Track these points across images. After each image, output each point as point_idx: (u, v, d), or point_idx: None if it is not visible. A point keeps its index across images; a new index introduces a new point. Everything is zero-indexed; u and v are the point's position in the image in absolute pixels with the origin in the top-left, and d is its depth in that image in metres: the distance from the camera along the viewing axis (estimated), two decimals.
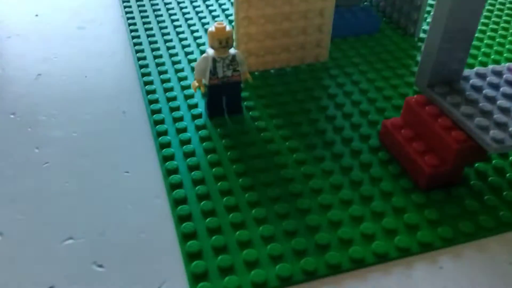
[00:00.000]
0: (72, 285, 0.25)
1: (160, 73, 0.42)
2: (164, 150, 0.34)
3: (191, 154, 0.34)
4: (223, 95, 0.37)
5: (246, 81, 0.37)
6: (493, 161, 0.34)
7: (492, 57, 0.46)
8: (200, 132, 0.36)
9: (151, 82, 0.41)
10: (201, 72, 0.35)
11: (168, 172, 0.32)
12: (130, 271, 0.26)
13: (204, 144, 0.34)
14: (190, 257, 0.26)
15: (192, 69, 0.43)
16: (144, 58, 0.44)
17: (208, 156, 0.33)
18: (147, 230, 0.28)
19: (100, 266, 0.26)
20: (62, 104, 0.39)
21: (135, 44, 0.46)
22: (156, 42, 0.47)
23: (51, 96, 0.40)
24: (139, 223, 0.29)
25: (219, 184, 0.31)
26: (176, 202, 0.30)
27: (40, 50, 0.47)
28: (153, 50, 0.46)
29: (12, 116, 0.38)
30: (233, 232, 0.28)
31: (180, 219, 0.29)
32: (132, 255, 0.27)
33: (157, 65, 0.44)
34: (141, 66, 0.43)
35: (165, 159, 0.33)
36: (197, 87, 0.36)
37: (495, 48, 0.47)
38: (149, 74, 0.42)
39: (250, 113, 0.38)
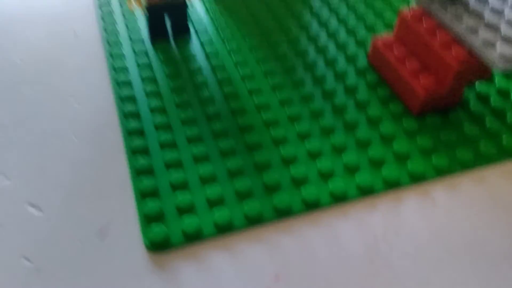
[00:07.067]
0: (1, 231, 0.22)
1: None
2: (119, 74, 0.29)
3: (153, 80, 0.29)
4: (166, 16, 0.31)
5: None
6: (496, 82, 0.30)
7: None
8: (161, 55, 0.31)
9: (107, 3, 0.36)
10: None
11: (122, 100, 0.28)
12: (71, 212, 0.22)
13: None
14: (143, 195, 0.23)
15: None
16: None
17: (171, 83, 0.29)
18: (94, 166, 0.25)
19: (37, 207, 0.23)
20: (4, 26, 0.34)
21: None
22: None
23: None
24: (85, 157, 0.25)
25: (182, 115, 0.27)
26: (130, 134, 0.26)
27: None
28: None
29: None
30: (195, 167, 0.24)
31: (134, 152, 0.25)
32: (74, 194, 0.23)
33: None
34: None
35: (120, 85, 0.29)
36: (136, 6, 0.30)
37: None
38: None
39: (221, 33, 0.33)
